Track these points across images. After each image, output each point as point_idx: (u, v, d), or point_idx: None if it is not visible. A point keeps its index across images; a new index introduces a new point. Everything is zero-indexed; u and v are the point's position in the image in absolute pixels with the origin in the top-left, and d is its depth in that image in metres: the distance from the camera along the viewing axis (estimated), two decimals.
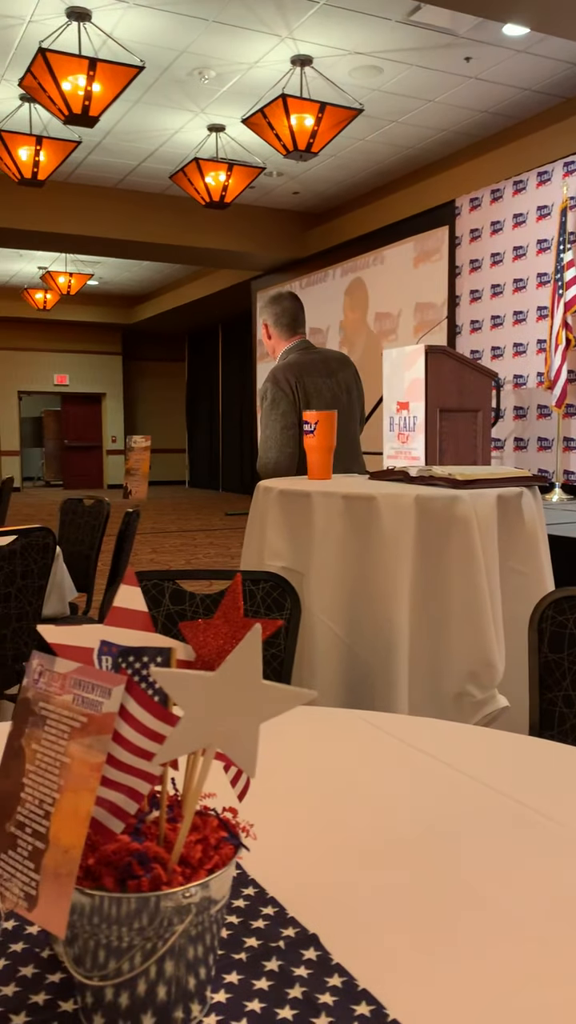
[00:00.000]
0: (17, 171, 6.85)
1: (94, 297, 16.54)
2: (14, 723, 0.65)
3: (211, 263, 11.93)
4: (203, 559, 8.06)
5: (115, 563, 3.32)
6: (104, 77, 5.56)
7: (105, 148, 8.47)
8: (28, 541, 2.39)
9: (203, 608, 1.70)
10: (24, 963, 0.67)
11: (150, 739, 0.60)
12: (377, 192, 9.74)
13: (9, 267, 13.66)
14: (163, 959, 0.59)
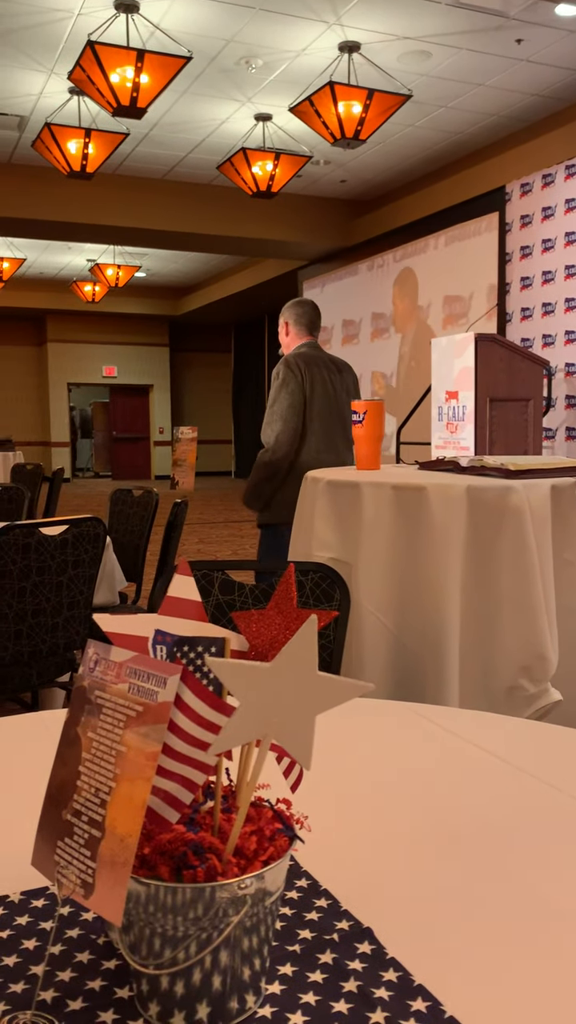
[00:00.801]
0: (66, 164, 6.91)
1: (141, 289, 16.66)
2: (70, 711, 0.65)
3: (258, 253, 11.93)
4: (249, 550, 8.08)
5: (164, 553, 3.34)
6: (152, 68, 5.58)
7: (153, 139, 8.50)
8: (79, 531, 2.42)
9: (252, 598, 1.70)
10: (80, 949, 0.67)
11: (205, 729, 0.60)
12: (425, 179, 9.63)
13: (58, 260, 13.82)
14: (218, 949, 0.58)
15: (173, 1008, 0.59)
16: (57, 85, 7.14)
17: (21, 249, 12.76)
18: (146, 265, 14.31)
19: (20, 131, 8.21)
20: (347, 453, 3.45)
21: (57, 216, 9.47)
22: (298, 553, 2.23)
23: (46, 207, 9.37)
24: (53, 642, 2.45)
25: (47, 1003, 0.61)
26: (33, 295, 16.20)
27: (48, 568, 2.35)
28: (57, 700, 3.03)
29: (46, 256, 13.49)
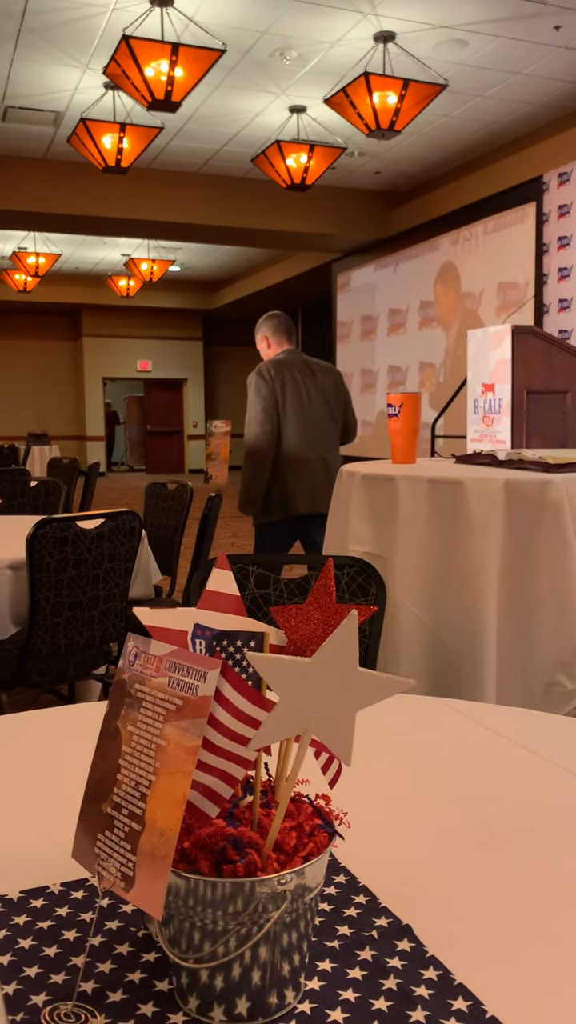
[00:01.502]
0: (101, 159, 6.94)
1: (175, 283, 16.72)
2: (110, 704, 0.65)
3: (292, 246, 11.90)
4: None
5: (198, 546, 3.35)
6: (186, 62, 5.58)
7: (187, 133, 8.51)
8: (115, 524, 2.43)
9: (287, 592, 1.70)
10: (120, 941, 0.68)
11: (245, 724, 0.59)
12: (461, 169, 9.54)
13: (93, 255, 13.91)
14: (257, 944, 0.58)
15: (212, 1002, 0.59)
16: (92, 80, 7.17)
17: (57, 244, 12.86)
18: (180, 259, 14.35)
19: (56, 127, 8.26)
20: (327, 448, 3.73)
21: (92, 211, 9.53)
22: (333, 547, 2.22)
23: (81, 202, 9.44)
24: (90, 635, 2.47)
25: (87, 994, 0.61)
26: (68, 290, 16.32)
27: (85, 561, 2.37)
28: (93, 692, 3.05)
29: (81, 251, 13.58)
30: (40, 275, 12.49)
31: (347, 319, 12.47)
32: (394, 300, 11.21)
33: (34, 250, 12.55)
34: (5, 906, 0.72)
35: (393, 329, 11.28)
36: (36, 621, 2.31)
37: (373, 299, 11.61)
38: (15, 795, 0.95)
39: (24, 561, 2.31)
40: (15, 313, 17.57)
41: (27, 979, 0.63)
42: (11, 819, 0.89)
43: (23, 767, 1.03)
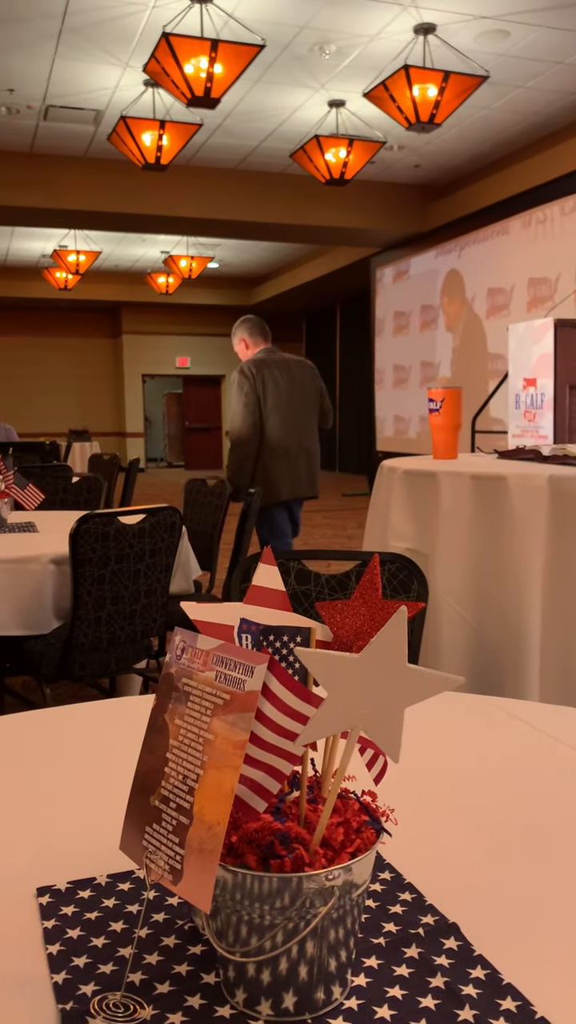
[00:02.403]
0: (141, 156, 6.99)
1: (214, 280, 16.77)
2: (157, 698, 0.66)
3: (330, 241, 11.87)
4: (320, 540, 8.08)
5: (237, 542, 3.36)
6: (226, 58, 5.59)
7: (226, 129, 8.52)
8: (156, 520, 2.45)
9: (328, 588, 1.70)
10: (166, 933, 0.68)
11: (292, 719, 0.59)
12: (502, 162, 9.43)
13: (133, 252, 14.01)
14: (304, 939, 0.58)
15: (260, 996, 0.59)
16: (132, 78, 7.21)
17: (97, 242, 12.97)
18: (219, 256, 14.39)
19: (96, 125, 8.33)
20: (307, 436, 4.13)
21: (132, 208, 9.59)
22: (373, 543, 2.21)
23: (121, 199, 9.50)
24: (131, 629, 2.49)
25: (135, 985, 0.61)
26: (108, 287, 16.46)
27: (126, 556, 2.39)
28: (134, 686, 3.08)
29: (121, 248, 13.68)
30: (80, 273, 12.60)
31: (385, 313, 12.37)
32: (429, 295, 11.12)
33: (74, 248, 12.68)
34: (53, 896, 0.73)
35: (425, 325, 11.20)
36: (79, 615, 2.33)
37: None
38: (61, 787, 0.96)
39: (67, 556, 2.33)
40: (56, 311, 17.77)
41: (76, 969, 0.63)
42: (57, 811, 0.90)
43: (67, 760, 1.04)
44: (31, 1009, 0.60)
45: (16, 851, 0.82)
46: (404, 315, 11.79)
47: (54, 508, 4.15)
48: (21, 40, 6.46)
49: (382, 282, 12.46)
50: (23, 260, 14.54)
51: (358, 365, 16.03)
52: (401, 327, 11.90)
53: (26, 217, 9.86)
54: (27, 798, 0.93)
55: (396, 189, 10.58)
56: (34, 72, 7.05)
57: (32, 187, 9.20)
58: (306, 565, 1.74)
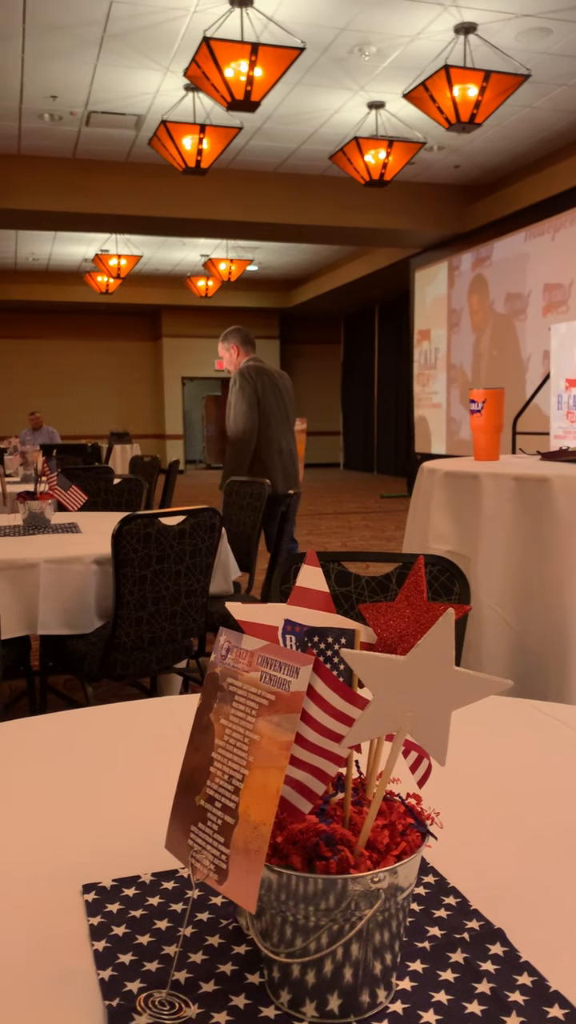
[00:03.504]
0: (181, 160, 7.04)
1: (253, 282, 16.83)
2: (203, 697, 0.66)
3: (370, 242, 11.84)
4: (358, 541, 8.06)
5: (276, 543, 3.36)
6: (265, 61, 5.61)
7: (265, 132, 8.55)
8: (197, 521, 2.46)
9: (368, 590, 1.70)
10: (210, 932, 0.68)
11: (338, 721, 0.59)
12: (543, 161, 9.34)
13: (173, 256, 14.11)
14: (350, 942, 0.58)
15: (304, 997, 0.59)
16: (172, 83, 7.27)
17: (138, 246, 13.09)
18: (258, 258, 14.44)
19: (137, 130, 8.41)
20: (289, 438, 4.51)
21: (172, 212, 9.66)
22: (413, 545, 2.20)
23: (162, 204, 9.58)
24: (171, 629, 2.51)
25: (180, 983, 0.62)
26: (149, 291, 16.60)
27: (167, 557, 2.41)
28: (175, 686, 3.10)
29: (161, 252, 13.79)
30: (121, 277, 12.73)
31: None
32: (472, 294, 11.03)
33: (116, 252, 12.80)
34: (99, 893, 0.74)
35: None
36: (120, 615, 2.36)
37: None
38: (104, 785, 0.97)
39: (109, 556, 2.36)
40: (97, 314, 17.96)
41: (121, 966, 0.64)
42: (101, 809, 0.91)
43: (110, 758, 1.05)
44: (78, 1004, 0.60)
45: (62, 848, 0.83)
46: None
47: (96, 509, 4.19)
48: (64, 48, 6.55)
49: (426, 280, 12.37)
50: (65, 264, 14.72)
51: (396, 366, 15.97)
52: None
53: (68, 222, 9.98)
54: (71, 795, 0.94)
55: (436, 190, 10.53)
56: (76, 79, 7.14)
57: (74, 192, 9.31)
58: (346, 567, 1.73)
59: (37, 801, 0.93)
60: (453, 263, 11.45)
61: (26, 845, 0.83)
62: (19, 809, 0.91)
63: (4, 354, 17.66)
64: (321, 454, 19.49)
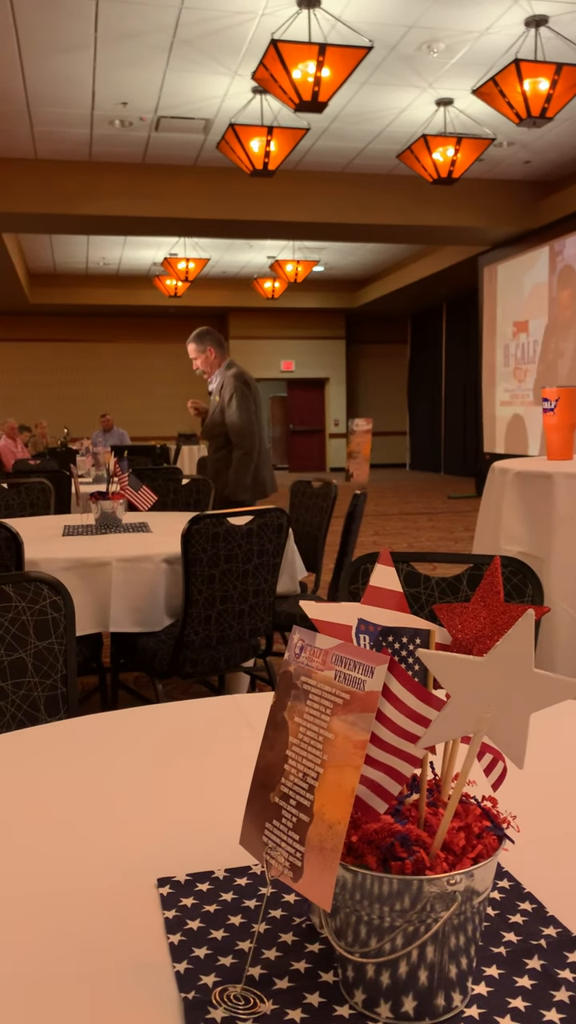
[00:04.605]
0: (249, 162, 7.08)
1: (319, 283, 16.83)
2: (277, 695, 0.66)
3: (438, 241, 11.74)
4: (425, 542, 7.99)
5: (343, 543, 3.36)
6: (333, 61, 5.61)
7: (332, 133, 8.55)
8: (264, 521, 2.47)
9: (438, 591, 1.68)
10: (284, 930, 0.69)
11: (414, 721, 0.59)
12: None
13: (240, 258, 14.21)
14: (425, 944, 0.58)
15: (379, 998, 0.59)
16: (240, 86, 7.32)
17: (205, 249, 13.22)
18: (324, 259, 14.44)
19: (205, 134, 8.49)
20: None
21: (240, 215, 9.73)
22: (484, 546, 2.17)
23: (230, 206, 9.66)
24: (239, 628, 2.53)
25: (255, 979, 0.62)
26: (216, 294, 16.75)
27: (235, 556, 2.42)
28: (242, 684, 3.12)
29: (229, 255, 13.90)
30: (189, 280, 12.87)
31: None
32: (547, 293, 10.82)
33: (184, 255, 12.96)
34: (173, 888, 0.75)
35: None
36: (190, 613, 2.38)
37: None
38: (175, 780, 0.98)
39: (179, 555, 2.38)
40: (165, 317, 18.21)
41: (196, 959, 0.65)
42: (172, 804, 0.92)
43: (181, 754, 1.06)
44: (154, 996, 0.61)
45: (136, 841, 0.84)
46: None
47: (165, 509, 4.25)
48: (134, 55, 6.65)
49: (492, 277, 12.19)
50: (135, 269, 14.96)
51: (465, 365, 15.79)
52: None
53: (138, 226, 10.14)
54: (144, 790, 0.96)
55: (505, 186, 10.38)
56: (146, 85, 7.25)
57: (144, 197, 9.45)
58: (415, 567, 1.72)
59: (110, 795, 0.95)
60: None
61: (101, 838, 0.85)
62: (93, 803, 0.93)
63: (76, 358, 18.04)
64: (387, 454, 19.39)
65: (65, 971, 0.64)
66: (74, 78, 7.07)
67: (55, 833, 0.86)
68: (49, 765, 1.03)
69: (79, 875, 0.78)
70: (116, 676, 2.82)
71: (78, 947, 0.67)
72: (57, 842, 0.84)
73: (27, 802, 0.93)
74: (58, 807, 0.92)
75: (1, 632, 1.40)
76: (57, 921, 0.71)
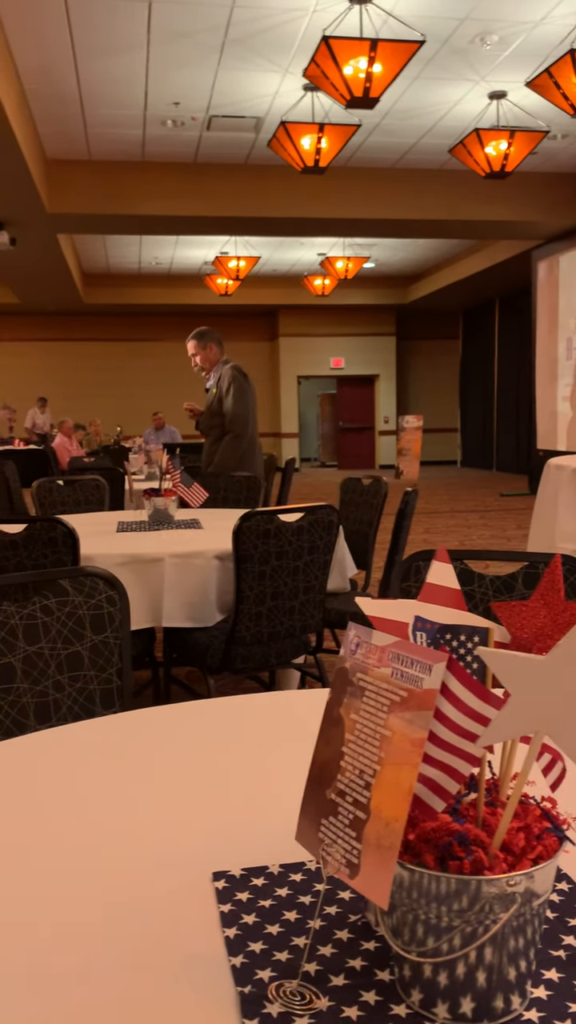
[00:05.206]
0: (300, 160, 7.08)
1: (369, 280, 16.76)
2: (332, 691, 0.66)
3: (490, 235, 11.60)
4: (477, 540, 7.90)
5: (394, 541, 3.34)
6: (385, 56, 5.57)
7: (384, 128, 8.50)
8: (315, 518, 2.47)
9: (492, 589, 1.66)
10: (339, 927, 0.68)
11: (472, 719, 0.58)
12: None
13: (290, 256, 14.22)
14: (483, 945, 0.57)
15: (436, 998, 0.58)
16: (291, 84, 7.32)
17: (256, 247, 13.25)
18: (375, 255, 14.37)
19: (256, 132, 8.51)
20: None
21: (291, 212, 9.73)
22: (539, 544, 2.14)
23: (280, 204, 9.67)
24: (290, 624, 2.53)
25: (310, 975, 0.62)
26: (266, 291, 16.79)
27: (286, 553, 2.43)
28: (293, 681, 3.13)
29: (279, 253, 13.92)
30: (240, 278, 12.92)
31: None
32: None
33: (235, 254, 13.01)
34: (228, 882, 0.75)
35: None
36: (241, 609, 2.39)
37: None
38: (228, 775, 0.99)
39: (230, 552, 2.40)
40: (215, 316, 18.30)
41: (252, 954, 0.65)
42: (225, 798, 0.93)
43: (234, 749, 1.07)
44: (210, 989, 0.61)
45: (190, 835, 0.84)
46: None
47: (215, 506, 4.28)
48: (186, 55, 6.70)
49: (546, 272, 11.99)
50: (186, 268, 15.07)
51: (517, 361, 15.58)
52: None
53: (189, 226, 10.21)
54: (196, 784, 0.96)
55: (560, 179, 10.20)
56: (198, 84, 7.29)
57: (195, 196, 9.51)
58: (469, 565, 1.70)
59: (163, 788, 0.96)
60: None
61: (156, 831, 0.86)
62: (146, 796, 0.94)
63: (128, 357, 18.24)
64: (438, 451, 19.23)
65: (122, 962, 0.65)
66: (127, 79, 7.14)
67: (111, 825, 0.87)
68: (105, 758, 1.05)
69: (134, 867, 0.79)
70: (168, 671, 2.85)
71: (135, 938, 0.68)
72: (112, 834, 0.85)
73: (83, 795, 0.95)
74: (114, 800, 0.93)
75: (58, 626, 1.42)
76: (113, 912, 0.72)
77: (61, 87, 7.27)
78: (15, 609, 1.41)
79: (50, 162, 9.19)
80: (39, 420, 15.09)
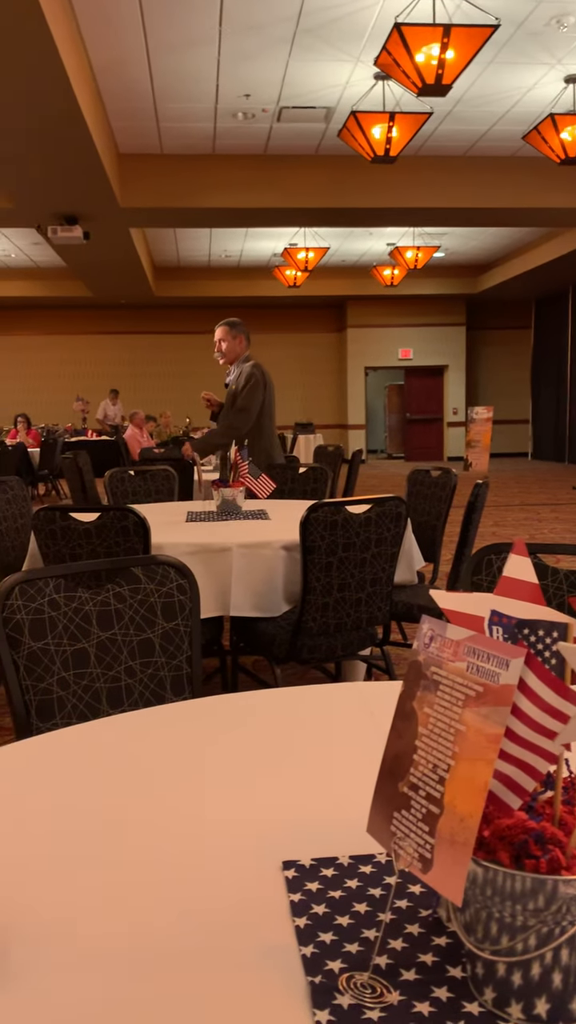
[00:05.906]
0: (370, 149, 7.02)
1: (439, 269, 16.55)
2: (405, 684, 0.65)
3: (565, 223, 11.31)
4: (548, 534, 7.75)
5: (463, 533, 3.30)
6: (458, 42, 5.47)
7: (455, 116, 8.36)
8: (382, 509, 2.46)
9: (567, 584, 1.63)
10: (409, 921, 0.68)
11: (551, 716, 0.57)
12: None
13: (359, 246, 14.13)
14: (559, 946, 0.56)
15: (510, 997, 0.57)
16: (362, 73, 7.26)
17: (325, 238, 13.21)
18: (445, 245, 14.18)
19: (327, 122, 8.47)
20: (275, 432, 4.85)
21: (361, 203, 9.67)
22: None
23: (351, 195, 9.61)
24: (356, 616, 2.52)
25: (381, 968, 0.62)
26: (334, 282, 16.72)
27: (353, 545, 2.42)
28: (359, 672, 3.12)
29: (348, 243, 13.84)
30: (309, 269, 12.89)
31: None
32: None
33: (304, 245, 12.98)
34: (298, 871, 0.75)
35: None
36: (308, 600, 2.40)
37: None
38: (297, 765, 0.99)
39: (297, 543, 2.40)
40: (284, 308, 18.32)
41: (322, 944, 0.65)
42: (295, 788, 0.93)
43: (303, 739, 1.07)
44: (281, 978, 0.62)
45: (261, 824, 0.85)
46: None
47: (283, 497, 4.29)
48: (257, 46, 6.70)
49: None
50: (255, 260, 15.11)
51: None
52: None
53: (259, 218, 10.22)
54: (266, 773, 0.97)
55: None
56: (269, 76, 7.28)
57: (265, 188, 9.52)
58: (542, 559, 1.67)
59: (232, 776, 0.96)
60: None
61: (226, 819, 0.86)
62: (216, 783, 0.95)
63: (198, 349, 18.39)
64: (508, 443, 18.91)
65: (195, 947, 0.66)
66: (199, 73, 7.18)
67: (182, 809, 0.88)
68: (176, 745, 1.06)
69: (205, 854, 0.79)
70: (236, 659, 2.87)
71: (207, 924, 0.69)
72: (182, 819, 0.86)
73: (155, 780, 0.96)
74: (184, 786, 0.94)
75: (131, 613, 1.45)
76: (186, 898, 0.72)
77: (134, 82, 7.35)
78: (89, 596, 1.43)
79: (123, 157, 9.31)
80: (111, 412, 15.34)
